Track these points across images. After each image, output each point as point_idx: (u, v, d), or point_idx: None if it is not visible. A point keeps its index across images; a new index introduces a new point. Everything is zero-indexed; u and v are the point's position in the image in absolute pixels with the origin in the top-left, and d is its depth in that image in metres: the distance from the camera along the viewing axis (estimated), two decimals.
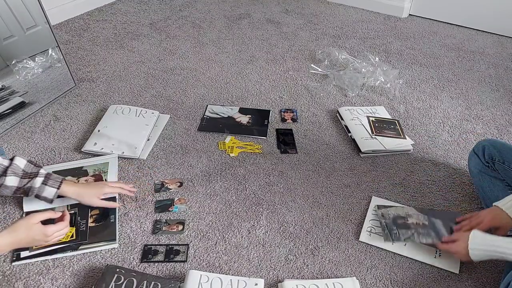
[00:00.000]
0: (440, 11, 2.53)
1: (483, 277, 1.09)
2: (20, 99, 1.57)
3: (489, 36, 2.40)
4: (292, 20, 2.51)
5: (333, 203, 1.30)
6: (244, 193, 1.32)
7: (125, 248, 1.13)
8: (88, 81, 1.84)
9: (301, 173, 1.40)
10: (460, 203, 1.31)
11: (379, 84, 1.86)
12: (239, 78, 1.91)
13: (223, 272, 1.08)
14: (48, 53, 1.66)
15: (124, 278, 1.01)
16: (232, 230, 1.20)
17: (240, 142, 1.53)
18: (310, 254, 1.14)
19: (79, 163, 1.37)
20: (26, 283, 1.04)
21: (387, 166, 1.45)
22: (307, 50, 2.18)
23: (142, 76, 1.89)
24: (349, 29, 2.43)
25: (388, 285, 1.07)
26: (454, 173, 1.42)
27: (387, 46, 2.25)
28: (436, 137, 1.59)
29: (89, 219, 1.18)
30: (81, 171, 1.33)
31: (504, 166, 1.17)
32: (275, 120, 1.65)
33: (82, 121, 1.60)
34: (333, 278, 1.08)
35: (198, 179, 1.36)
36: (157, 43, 2.17)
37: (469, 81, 1.96)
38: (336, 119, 1.67)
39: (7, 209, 1.23)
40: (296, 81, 1.91)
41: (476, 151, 1.26)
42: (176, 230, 1.19)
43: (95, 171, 1.33)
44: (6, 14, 1.49)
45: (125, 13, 2.48)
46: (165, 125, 1.58)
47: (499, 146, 1.20)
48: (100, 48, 2.10)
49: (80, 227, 1.16)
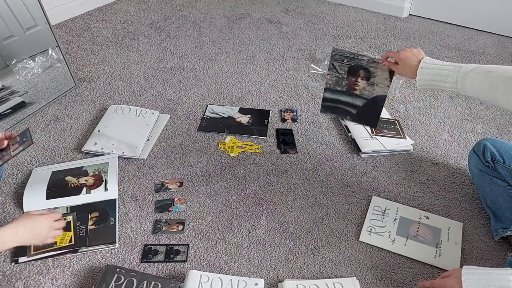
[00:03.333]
0: (440, 11, 2.53)
1: None
2: (20, 99, 1.57)
3: (489, 36, 2.40)
4: (292, 20, 2.51)
5: (333, 203, 1.30)
6: (244, 193, 1.32)
7: (125, 248, 1.13)
8: (88, 81, 1.84)
9: (301, 173, 1.40)
10: (460, 203, 1.31)
11: None
12: (239, 78, 1.91)
13: (223, 272, 1.09)
14: (48, 53, 1.66)
15: (124, 278, 1.01)
16: (232, 230, 1.20)
17: (240, 142, 1.53)
18: (310, 254, 1.14)
19: (79, 163, 1.37)
20: (26, 283, 1.04)
21: (387, 166, 1.45)
22: (307, 50, 2.18)
23: (142, 76, 1.89)
24: (349, 29, 2.43)
25: (388, 285, 1.07)
26: (454, 173, 1.42)
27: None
28: (436, 137, 1.59)
29: (88, 221, 1.18)
30: (81, 171, 1.33)
31: (504, 165, 1.16)
32: (275, 120, 1.65)
33: (82, 121, 1.60)
34: (333, 278, 1.08)
35: (198, 179, 1.36)
36: (157, 43, 2.17)
37: None
38: (336, 119, 1.67)
39: (7, 209, 1.23)
40: (296, 81, 1.91)
41: (476, 150, 1.26)
42: (176, 230, 1.19)
43: (95, 171, 1.33)
44: (6, 14, 1.49)
45: (125, 13, 2.48)
46: (165, 125, 1.58)
47: (499, 146, 1.20)
48: (100, 48, 2.10)
49: (80, 232, 1.15)
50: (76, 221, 1.18)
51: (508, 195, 1.17)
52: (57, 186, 1.28)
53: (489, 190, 1.22)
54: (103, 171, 1.33)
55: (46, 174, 1.32)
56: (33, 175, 1.32)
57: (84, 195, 1.25)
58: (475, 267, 0.91)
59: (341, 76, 1.15)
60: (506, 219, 1.16)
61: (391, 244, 1.16)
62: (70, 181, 1.29)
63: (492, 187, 1.21)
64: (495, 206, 1.20)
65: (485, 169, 1.22)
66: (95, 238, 1.14)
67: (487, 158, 1.20)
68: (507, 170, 1.16)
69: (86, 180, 1.30)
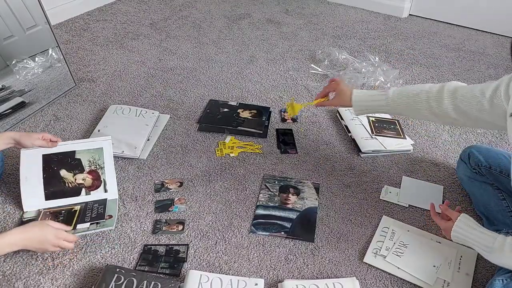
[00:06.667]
0: (440, 11, 2.53)
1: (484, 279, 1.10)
2: (20, 99, 1.57)
3: (489, 36, 2.40)
4: (292, 20, 2.51)
5: (333, 203, 1.30)
6: (244, 193, 1.32)
7: (125, 248, 1.13)
8: (88, 81, 1.84)
9: (301, 173, 1.40)
10: (460, 203, 1.31)
11: (379, 84, 1.86)
12: (239, 78, 1.91)
13: (223, 272, 1.08)
14: (48, 53, 1.66)
15: (124, 278, 1.01)
16: (232, 230, 1.20)
17: (240, 142, 1.53)
18: (310, 254, 1.14)
19: (70, 147, 1.27)
20: (26, 283, 1.04)
21: (387, 166, 1.45)
22: (307, 50, 2.18)
23: (142, 76, 1.89)
24: (349, 29, 2.43)
25: (388, 285, 1.07)
26: (454, 173, 1.42)
27: (387, 46, 2.25)
28: (436, 137, 1.59)
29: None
30: (75, 164, 1.25)
31: (491, 171, 1.18)
32: (275, 120, 1.65)
33: (82, 121, 1.60)
34: (333, 278, 1.08)
35: (198, 179, 1.36)
36: (157, 43, 2.17)
37: (469, 81, 1.95)
38: (336, 119, 1.67)
39: (7, 209, 1.23)
40: (296, 81, 1.91)
41: (463, 158, 1.28)
42: (176, 230, 1.19)
43: (91, 163, 1.27)
44: (6, 14, 1.49)
45: (125, 13, 2.49)
46: (165, 125, 1.58)
47: (484, 152, 1.22)
48: (100, 48, 2.10)
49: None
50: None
51: (498, 199, 1.19)
52: (54, 184, 1.24)
53: (480, 195, 1.24)
54: (99, 165, 1.27)
55: (36, 158, 1.23)
56: (22, 159, 1.22)
57: (84, 196, 1.25)
58: (472, 221, 1.00)
59: (273, 193, 1.30)
60: (498, 222, 1.17)
61: (396, 269, 1.10)
62: (67, 179, 1.25)
63: (482, 192, 1.23)
64: (487, 210, 1.21)
65: (473, 175, 1.25)
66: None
67: (473, 165, 1.23)
68: (494, 175, 1.18)
69: (84, 179, 1.26)
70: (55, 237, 1.03)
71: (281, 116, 1.67)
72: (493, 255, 0.93)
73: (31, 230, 1.02)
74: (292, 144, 1.53)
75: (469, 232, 0.98)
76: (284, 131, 1.59)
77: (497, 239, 0.93)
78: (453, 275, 1.08)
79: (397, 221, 1.24)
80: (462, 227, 1.00)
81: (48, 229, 1.03)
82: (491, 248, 0.93)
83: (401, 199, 1.31)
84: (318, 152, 1.50)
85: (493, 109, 0.99)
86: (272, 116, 1.66)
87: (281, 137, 1.56)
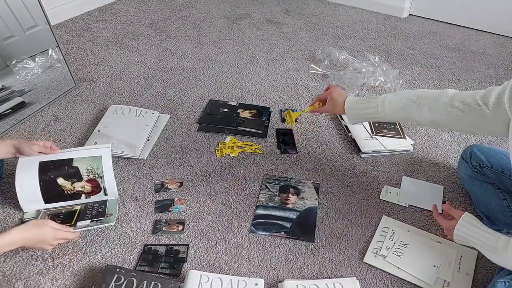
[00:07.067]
0: (440, 11, 2.53)
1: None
2: (20, 99, 1.57)
3: (489, 36, 2.40)
4: (292, 20, 2.51)
5: (333, 203, 1.30)
6: (244, 193, 1.32)
7: (125, 248, 1.13)
8: (88, 81, 1.84)
9: (301, 173, 1.40)
10: (460, 203, 1.31)
11: (379, 84, 1.86)
12: (239, 79, 1.91)
13: (223, 272, 1.08)
14: (48, 53, 1.66)
15: (124, 278, 1.01)
16: (232, 230, 1.20)
17: (240, 142, 1.53)
18: (310, 254, 1.14)
19: (68, 155, 1.23)
20: (26, 283, 1.04)
21: (387, 166, 1.45)
22: (307, 50, 2.18)
23: (142, 76, 1.89)
24: (349, 29, 2.43)
25: (388, 285, 1.07)
26: (454, 173, 1.42)
27: (387, 46, 2.25)
28: (436, 137, 1.59)
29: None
30: (73, 172, 1.21)
31: (492, 170, 1.18)
32: (275, 120, 1.65)
33: (82, 121, 1.60)
34: (333, 278, 1.08)
35: (198, 179, 1.36)
36: (157, 43, 2.17)
37: (469, 81, 1.96)
38: (336, 119, 1.67)
39: (7, 209, 1.23)
40: (296, 81, 1.91)
41: (464, 157, 1.28)
42: (176, 230, 1.19)
43: (89, 172, 1.22)
44: (6, 14, 1.49)
45: (125, 13, 2.48)
46: (165, 125, 1.58)
47: (486, 151, 1.22)
48: (100, 48, 2.10)
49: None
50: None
51: (499, 198, 1.19)
52: (52, 192, 1.20)
53: (480, 195, 1.24)
54: (98, 174, 1.22)
55: (32, 165, 1.20)
56: (18, 167, 1.19)
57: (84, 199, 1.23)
58: (475, 220, 0.99)
59: (273, 194, 1.30)
60: (499, 222, 1.18)
61: (397, 269, 1.10)
62: (65, 188, 1.21)
63: (483, 192, 1.23)
64: (488, 210, 1.21)
65: (474, 174, 1.24)
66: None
67: (474, 164, 1.22)
68: (496, 174, 1.18)
69: (83, 187, 1.22)
70: (53, 238, 1.04)
71: (281, 116, 1.67)
72: (496, 255, 0.93)
73: (31, 230, 1.02)
74: (292, 144, 1.53)
75: (473, 231, 0.98)
76: (284, 131, 1.59)
77: (501, 238, 0.92)
78: (453, 275, 1.08)
79: (397, 221, 1.23)
80: (465, 225, 1.00)
81: (47, 229, 1.03)
82: (494, 248, 0.92)
83: (401, 199, 1.31)
84: (318, 152, 1.50)
85: (496, 117, 0.96)
86: (272, 116, 1.66)
87: (281, 137, 1.56)
